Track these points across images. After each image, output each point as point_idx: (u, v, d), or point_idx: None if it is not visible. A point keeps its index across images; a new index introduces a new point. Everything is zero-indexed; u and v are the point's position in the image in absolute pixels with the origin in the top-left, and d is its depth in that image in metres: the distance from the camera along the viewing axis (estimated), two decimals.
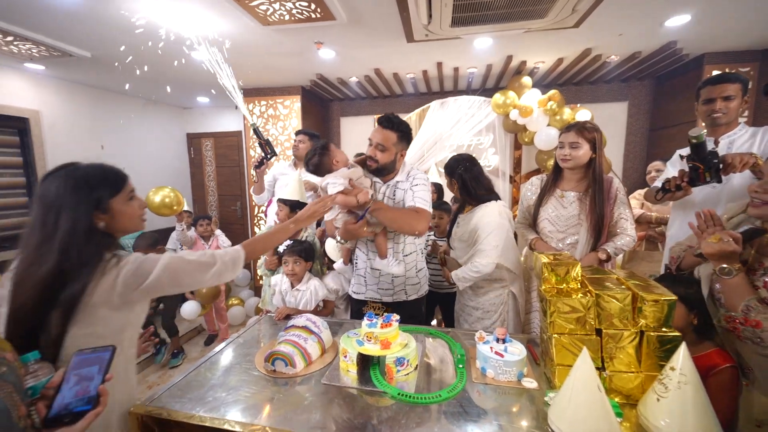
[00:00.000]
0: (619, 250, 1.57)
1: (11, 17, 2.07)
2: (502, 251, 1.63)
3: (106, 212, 0.94)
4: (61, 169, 0.93)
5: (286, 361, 1.18)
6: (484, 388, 1.08)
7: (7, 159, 3.06)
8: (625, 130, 3.64)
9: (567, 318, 1.03)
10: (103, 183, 0.95)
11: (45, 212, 0.89)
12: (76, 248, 0.88)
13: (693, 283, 1.13)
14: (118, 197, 0.97)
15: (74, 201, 0.90)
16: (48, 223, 0.88)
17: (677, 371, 0.85)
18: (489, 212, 1.64)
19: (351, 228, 1.41)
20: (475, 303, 1.71)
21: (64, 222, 0.88)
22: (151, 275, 0.93)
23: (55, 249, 0.87)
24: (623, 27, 2.30)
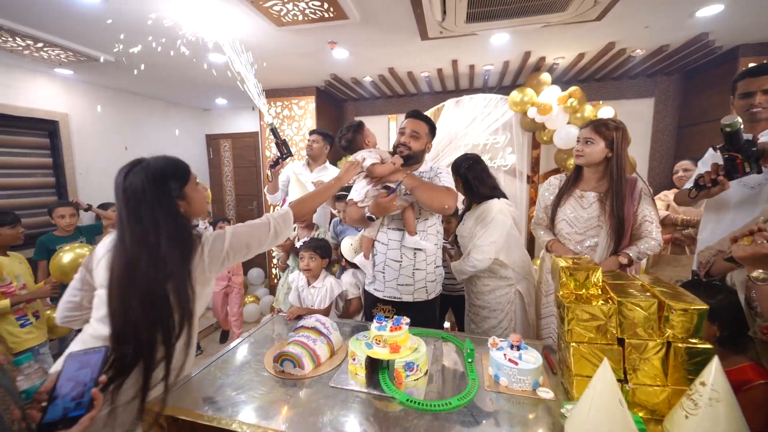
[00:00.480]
0: (643, 255, 1.48)
1: (41, 24, 2.16)
2: (501, 248, 1.65)
3: (183, 198, 1.04)
4: (135, 166, 0.98)
5: (294, 362, 1.17)
6: (497, 397, 1.04)
7: (37, 160, 3.21)
8: (651, 127, 3.47)
9: (586, 326, 0.98)
10: (176, 172, 1.03)
11: (137, 207, 0.94)
12: (180, 235, 0.98)
13: (720, 290, 1.04)
14: (190, 183, 1.06)
15: (161, 192, 0.97)
16: (144, 217, 0.94)
17: (708, 387, 0.78)
18: (489, 209, 1.67)
19: (382, 201, 1.44)
20: (481, 302, 1.71)
21: (159, 212, 0.96)
22: (225, 244, 1.05)
23: (158, 240, 0.94)
24: (650, 19, 2.18)
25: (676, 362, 0.91)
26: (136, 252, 0.93)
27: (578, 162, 1.57)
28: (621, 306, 0.95)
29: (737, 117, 1.25)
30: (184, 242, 0.98)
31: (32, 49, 2.48)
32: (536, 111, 2.96)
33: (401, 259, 1.57)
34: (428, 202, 1.47)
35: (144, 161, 1.00)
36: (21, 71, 3.00)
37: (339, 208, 2.28)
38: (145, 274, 0.92)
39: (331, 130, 4.09)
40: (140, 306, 0.91)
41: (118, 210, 0.96)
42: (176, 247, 0.96)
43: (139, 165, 0.98)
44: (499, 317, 1.69)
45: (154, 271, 0.92)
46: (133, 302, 0.91)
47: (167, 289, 0.94)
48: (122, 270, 0.93)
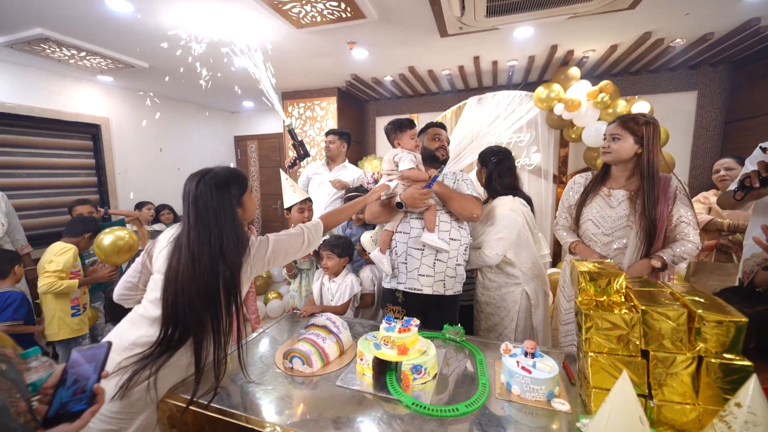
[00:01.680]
0: (679, 258, 1.36)
1: (83, 35, 2.33)
2: (510, 245, 1.63)
3: (241, 206, 1.14)
4: (205, 175, 1.09)
5: (303, 359, 1.18)
6: (508, 406, 0.99)
7: (82, 161, 3.47)
8: (694, 123, 3.21)
9: (606, 335, 0.91)
10: (237, 181, 1.13)
11: (204, 212, 1.05)
12: (239, 240, 1.07)
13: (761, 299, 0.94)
14: (247, 192, 1.16)
15: (225, 199, 1.08)
16: (209, 221, 1.04)
17: (744, 409, 0.70)
18: (500, 205, 1.67)
19: (417, 193, 1.52)
20: (485, 297, 1.70)
21: (223, 219, 1.06)
22: (269, 250, 1.14)
23: (223, 241, 1.04)
24: (690, 5, 2.01)
25: (708, 379, 0.83)
26: (199, 250, 1.03)
27: (606, 159, 1.49)
28: (645, 315, 0.88)
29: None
30: (239, 244, 1.08)
31: (76, 58, 2.68)
32: (563, 107, 2.83)
33: (423, 248, 1.59)
34: (459, 210, 1.60)
35: (212, 171, 1.10)
36: (68, 79, 3.25)
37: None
38: (205, 269, 1.02)
39: (353, 130, 4.13)
40: (197, 297, 1.01)
41: (186, 211, 1.07)
42: (233, 248, 1.06)
43: (208, 174, 1.09)
44: (501, 315, 1.68)
45: (212, 268, 1.03)
46: (191, 293, 1.01)
47: (221, 283, 1.03)
48: (186, 264, 1.03)
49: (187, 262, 1.02)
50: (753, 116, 2.77)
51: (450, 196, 1.60)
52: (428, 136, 1.75)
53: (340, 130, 2.68)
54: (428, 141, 1.74)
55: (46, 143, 3.20)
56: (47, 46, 2.44)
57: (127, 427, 1.00)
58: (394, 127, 1.63)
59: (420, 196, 1.51)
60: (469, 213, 1.58)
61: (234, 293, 1.06)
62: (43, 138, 3.17)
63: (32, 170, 3.10)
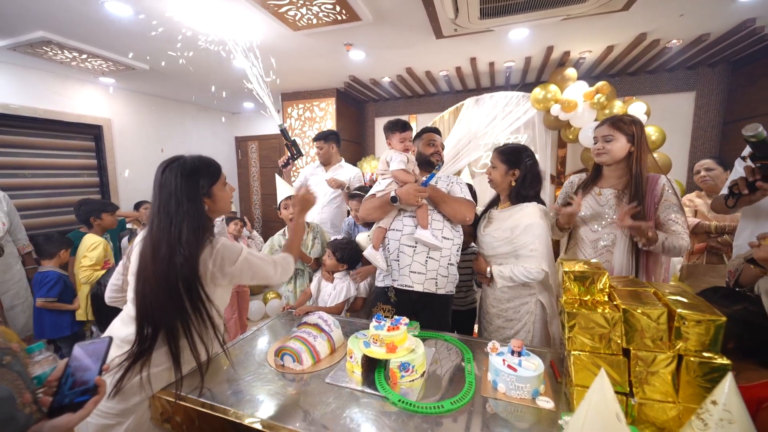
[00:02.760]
0: (668, 246, 1.34)
1: (85, 38, 2.37)
2: (545, 257, 1.48)
3: (210, 196, 1.11)
4: (173, 162, 1.07)
5: (294, 357, 1.20)
6: (494, 404, 1.00)
7: (84, 161, 3.51)
8: (692, 123, 3.20)
9: (588, 334, 0.92)
10: (207, 171, 1.11)
11: (168, 199, 1.03)
12: (199, 229, 1.04)
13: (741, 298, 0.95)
14: (218, 183, 1.13)
15: (191, 188, 1.05)
16: (171, 209, 1.02)
17: (720, 406, 0.71)
18: (532, 213, 1.50)
19: (412, 189, 1.53)
20: (496, 310, 1.59)
21: (186, 207, 1.03)
22: (236, 263, 1.10)
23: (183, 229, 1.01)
24: (685, 6, 2.02)
25: (688, 377, 0.84)
26: (159, 239, 1.02)
27: (601, 160, 1.51)
28: (627, 314, 0.89)
29: (760, 126, 1.13)
30: (199, 234, 1.05)
31: (78, 60, 2.72)
32: (560, 108, 2.83)
33: (415, 245, 1.60)
34: (452, 214, 1.61)
35: (181, 158, 1.08)
36: (71, 81, 3.30)
37: (352, 207, 2.30)
38: (164, 259, 1.00)
39: (352, 131, 4.15)
40: (158, 288, 1.00)
41: (152, 201, 1.05)
42: (192, 237, 1.03)
43: (176, 161, 1.07)
44: (516, 327, 1.55)
45: (170, 258, 1.00)
46: (153, 285, 1.00)
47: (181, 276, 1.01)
48: (147, 255, 1.03)
49: (149, 251, 1.02)
50: (751, 117, 2.76)
51: (443, 199, 1.61)
52: (423, 141, 1.76)
53: (324, 133, 2.67)
54: (423, 146, 1.75)
55: (49, 144, 3.25)
56: (49, 48, 2.48)
57: (124, 421, 1.02)
58: (386, 129, 1.67)
59: (415, 193, 1.53)
60: (461, 216, 1.59)
61: (194, 286, 1.03)
62: (46, 139, 3.22)
63: (35, 171, 3.15)
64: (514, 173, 1.57)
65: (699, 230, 1.99)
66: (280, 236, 2.05)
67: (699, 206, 2.13)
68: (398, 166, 1.58)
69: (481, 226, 1.68)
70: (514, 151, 1.59)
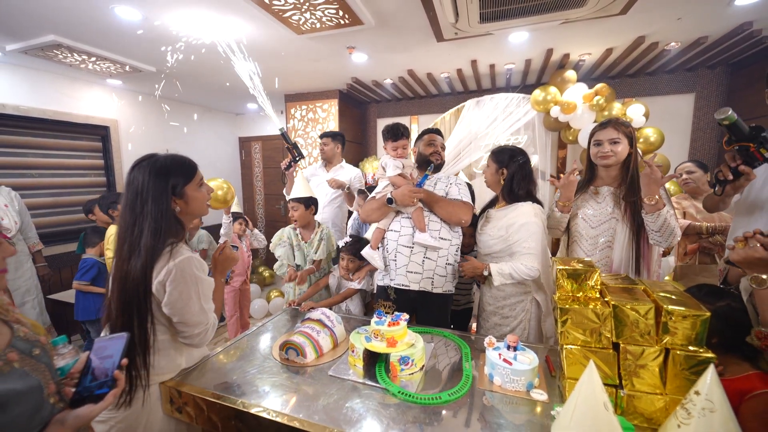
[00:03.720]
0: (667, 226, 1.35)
1: (93, 41, 2.43)
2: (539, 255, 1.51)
3: (181, 197, 1.07)
4: (144, 161, 1.05)
5: (297, 350, 1.25)
6: (490, 396, 1.05)
7: (91, 162, 3.58)
8: (691, 125, 3.23)
9: (580, 329, 0.96)
10: (179, 170, 1.07)
11: (134, 198, 1.01)
12: (159, 232, 1.00)
13: (723, 296, 0.98)
14: (191, 183, 1.09)
15: (158, 188, 1.02)
16: (136, 208, 1.01)
17: (702, 396, 0.75)
18: (527, 212, 1.54)
19: (407, 190, 1.58)
20: (493, 307, 1.63)
21: (151, 206, 1.01)
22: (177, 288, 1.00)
23: (144, 230, 0.99)
24: (681, 10, 2.05)
25: (675, 370, 0.88)
26: (122, 239, 1.01)
27: (608, 163, 1.51)
28: (616, 310, 0.93)
29: (730, 109, 1.16)
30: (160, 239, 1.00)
31: (87, 62, 2.78)
32: (559, 110, 2.87)
33: (412, 246, 1.63)
34: (447, 217, 1.63)
35: (153, 157, 1.05)
36: (79, 82, 3.36)
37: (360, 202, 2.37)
38: (125, 259, 0.99)
39: (354, 132, 4.20)
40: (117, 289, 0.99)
41: (122, 197, 1.05)
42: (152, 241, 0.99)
43: (147, 160, 1.04)
44: (512, 324, 1.59)
45: (129, 259, 0.99)
46: (115, 284, 1.00)
47: (132, 280, 0.98)
48: (115, 254, 1.03)
49: (116, 251, 1.02)
50: (751, 118, 2.77)
51: (436, 202, 1.62)
52: (424, 142, 1.79)
53: (332, 132, 2.74)
54: (423, 147, 1.78)
55: (58, 144, 3.31)
56: (59, 51, 2.54)
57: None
58: (383, 135, 1.73)
59: (409, 194, 1.57)
60: (457, 218, 1.61)
61: (143, 292, 0.98)
62: (54, 139, 3.28)
63: (44, 170, 3.21)
64: (503, 172, 1.60)
65: (691, 231, 2.02)
66: (291, 230, 2.04)
67: (687, 208, 2.18)
68: (393, 171, 1.63)
69: (479, 225, 1.72)
70: (503, 152, 1.63)
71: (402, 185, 1.62)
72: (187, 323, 1.05)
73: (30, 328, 0.73)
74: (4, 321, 0.70)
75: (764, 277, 0.83)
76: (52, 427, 0.68)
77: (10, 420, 0.61)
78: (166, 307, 1.02)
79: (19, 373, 0.64)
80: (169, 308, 1.02)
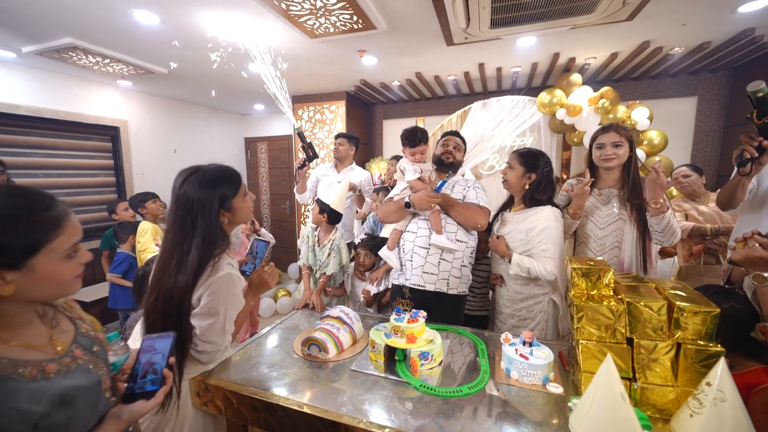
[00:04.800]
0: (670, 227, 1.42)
1: (110, 44, 2.47)
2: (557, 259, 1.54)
3: (229, 210, 1.06)
4: (192, 174, 1.03)
5: (320, 346, 1.29)
6: (507, 389, 1.09)
7: (101, 162, 3.62)
8: (694, 127, 3.28)
9: (595, 324, 1.01)
10: (227, 183, 1.05)
11: (184, 214, 1.00)
12: (211, 245, 1.00)
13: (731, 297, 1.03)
14: (238, 195, 1.08)
15: (209, 204, 1.01)
16: (186, 224, 1.00)
17: (714, 387, 0.80)
18: (548, 216, 1.55)
19: (425, 195, 1.61)
20: (510, 310, 1.65)
21: (201, 222, 1.00)
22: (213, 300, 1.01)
23: (192, 246, 0.99)
24: (686, 16, 2.10)
25: (686, 363, 0.93)
26: (171, 253, 1.00)
27: (610, 166, 1.56)
28: (630, 306, 0.98)
29: (763, 82, 1.20)
30: (208, 254, 1.01)
31: (101, 64, 2.83)
32: (565, 112, 2.92)
33: (428, 247, 1.66)
34: (463, 221, 1.65)
35: (201, 170, 1.04)
36: (91, 84, 3.41)
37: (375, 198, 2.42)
38: (170, 275, 0.99)
39: (360, 132, 4.24)
40: (162, 302, 0.99)
41: (169, 211, 1.04)
42: (198, 260, 1.00)
43: (195, 174, 1.03)
44: (530, 326, 1.61)
45: (176, 274, 0.99)
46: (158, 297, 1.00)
47: (185, 293, 0.99)
48: (158, 266, 1.02)
49: (162, 264, 1.01)
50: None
51: (453, 206, 1.65)
52: (439, 143, 1.85)
53: (350, 134, 2.80)
54: (438, 148, 1.84)
55: (69, 145, 3.35)
56: (75, 53, 2.58)
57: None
58: (401, 140, 1.76)
59: (427, 199, 1.61)
60: (473, 223, 1.63)
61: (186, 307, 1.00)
62: (66, 140, 3.33)
63: (55, 170, 3.26)
64: (530, 177, 1.60)
65: (695, 233, 2.08)
66: (311, 229, 2.06)
67: (688, 210, 2.23)
68: (412, 176, 1.67)
69: (495, 228, 1.74)
70: (532, 155, 1.62)
71: (420, 189, 1.65)
72: (203, 338, 1.06)
73: (90, 324, 0.77)
74: (69, 317, 0.74)
75: (765, 275, 0.88)
76: (109, 421, 0.71)
77: (76, 414, 0.64)
78: (194, 318, 1.04)
79: (83, 370, 0.68)
80: (196, 319, 1.04)
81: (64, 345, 0.68)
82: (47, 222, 0.62)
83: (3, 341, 0.61)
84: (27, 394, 0.58)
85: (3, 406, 0.55)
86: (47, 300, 0.70)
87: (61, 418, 0.61)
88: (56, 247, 0.63)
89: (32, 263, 0.60)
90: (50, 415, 0.59)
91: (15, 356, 0.60)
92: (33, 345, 0.64)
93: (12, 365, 0.58)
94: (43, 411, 0.58)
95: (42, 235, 0.61)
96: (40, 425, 0.58)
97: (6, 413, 0.55)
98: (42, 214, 0.62)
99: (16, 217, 0.59)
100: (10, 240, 0.58)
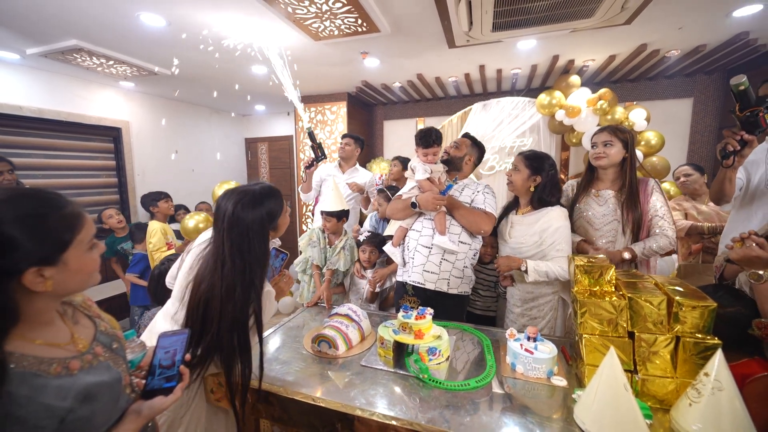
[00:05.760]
0: (651, 252, 1.50)
1: (114, 45, 2.49)
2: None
3: (274, 229, 1.07)
4: (242, 197, 1.01)
5: (329, 343, 1.33)
6: (513, 382, 1.13)
7: (103, 162, 3.63)
8: (689, 128, 3.34)
9: (598, 319, 1.05)
10: (274, 204, 1.05)
11: (240, 240, 0.99)
12: (265, 267, 1.01)
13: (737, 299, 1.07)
14: (283, 213, 1.08)
15: (260, 227, 1.01)
16: (243, 249, 0.99)
17: (711, 377, 0.85)
18: (559, 215, 1.57)
19: (431, 197, 1.62)
20: (521, 309, 1.66)
21: (257, 246, 1.00)
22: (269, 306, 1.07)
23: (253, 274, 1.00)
24: (682, 20, 2.15)
25: (685, 356, 0.97)
26: (234, 281, 0.99)
27: (600, 163, 1.61)
28: (631, 302, 1.02)
29: (744, 76, 1.26)
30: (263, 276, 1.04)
31: (104, 66, 2.84)
32: (564, 114, 2.97)
33: (431, 247, 1.69)
34: (467, 226, 1.66)
35: (249, 193, 1.02)
36: (93, 85, 3.42)
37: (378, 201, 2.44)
38: (237, 302, 1.00)
39: (361, 133, 4.27)
40: (229, 323, 0.99)
41: (220, 233, 1.01)
42: (260, 276, 1.02)
43: (244, 196, 1.01)
44: (540, 324, 1.62)
45: (244, 301, 1.00)
46: (225, 320, 0.99)
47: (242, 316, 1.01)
48: (221, 292, 0.99)
49: (223, 292, 0.99)
50: None
51: (457, 210, 1.66)
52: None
53: (356, 135, 2.84)
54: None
55: (71, 146, 3.36)
56: (79, 55, 2.60)
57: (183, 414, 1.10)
58: (415, 140, 1.74)
59: (433, 200, 1.63)
60: (477, 228, 1.64)
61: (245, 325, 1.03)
62: (68, 141, 3.33)
63: (58, 171, 3.26)
64: (536, 179, 1.61)
65: (693, 232, 2.13)
66: (319, 232, 2.10)
67: (688, 209, 2.28)
68: (422, 175, 1.69)
69: (504, 231, 1.73)
70: (538, 158, 1.63)
71: (428, 190, 1.67)
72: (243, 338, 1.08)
73: (108, 322, 0.79)
74: (87, 316, 0.76)
75: (761, 273, 0.92)
76: (129, 417, 0.73)
77: (99, 409, 0.66)
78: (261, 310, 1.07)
79: (104, 366, 0.70)
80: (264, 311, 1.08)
81: (84, 343, 0.70)
82: (70, 217, 0.65)
83: (29, 340, 0.62)
84: (53, 390, 0.59)
85: (32, 402, 0.57)
86: (78, 291, 0.73)
87: (86, 413, 0.63)
88: (82, 239, 0.67)
89: (66, 257, 0.64)
90: (75, 410, 0.61)
91: (41, 354, 0.62)
92: (56, 343, 0.65)
93: (38, 363, 0.60)
94: (69, 406, 0.60)
95: (70, 230, 0.65)
96: (66, 420, 0.60)
97: (34, 409, 0.57)
98: (64, 210, 0.65)
99: (43, 216, 0.62)
100: (44, 237, 0.61)
